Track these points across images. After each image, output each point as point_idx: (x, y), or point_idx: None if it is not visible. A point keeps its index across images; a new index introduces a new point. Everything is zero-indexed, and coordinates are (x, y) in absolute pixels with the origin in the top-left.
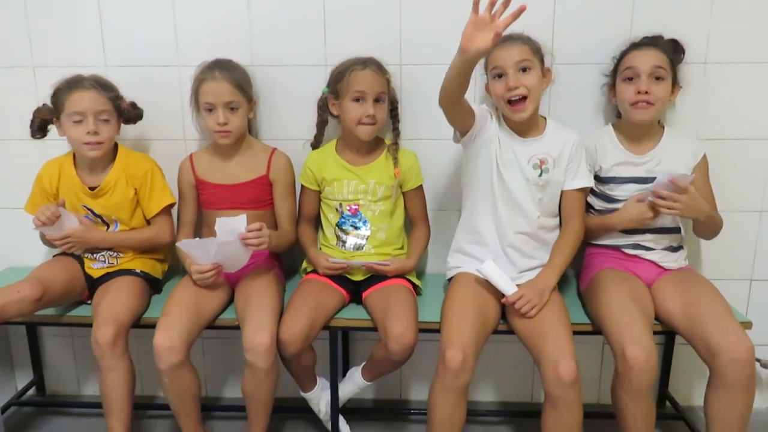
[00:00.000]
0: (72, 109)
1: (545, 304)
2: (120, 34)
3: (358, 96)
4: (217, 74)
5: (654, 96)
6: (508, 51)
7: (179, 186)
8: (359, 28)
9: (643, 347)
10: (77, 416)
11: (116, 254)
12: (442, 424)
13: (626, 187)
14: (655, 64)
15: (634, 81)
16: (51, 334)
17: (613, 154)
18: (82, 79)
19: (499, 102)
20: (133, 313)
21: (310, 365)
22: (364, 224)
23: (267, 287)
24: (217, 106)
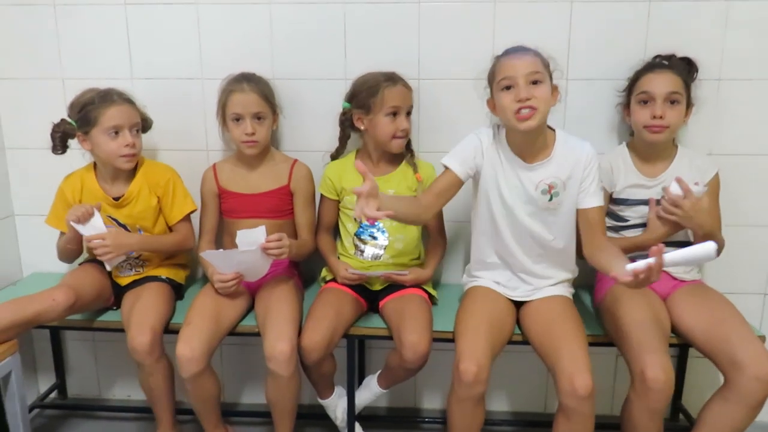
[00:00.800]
0: (109, 123)
1: (560, 317)
2: (146, 48)
3: (393, 111)
4: (245, 86)
5: (668, 120)
6: (519, 62)
7: (202, 194)
8: (379, 43)
9: (662, 368)
10: (99, 419)
11: (142, 262)
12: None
13: (637, 209)
14: (671, 89)
15: (648, 105)
16: (74, 338)
17: (626, 176)
18: (112, 93)
19: (506, 114)
20: (165, 319)
21: (330, 373)
22: (382, 234)
23: (287, 296)
24: (245, 117)
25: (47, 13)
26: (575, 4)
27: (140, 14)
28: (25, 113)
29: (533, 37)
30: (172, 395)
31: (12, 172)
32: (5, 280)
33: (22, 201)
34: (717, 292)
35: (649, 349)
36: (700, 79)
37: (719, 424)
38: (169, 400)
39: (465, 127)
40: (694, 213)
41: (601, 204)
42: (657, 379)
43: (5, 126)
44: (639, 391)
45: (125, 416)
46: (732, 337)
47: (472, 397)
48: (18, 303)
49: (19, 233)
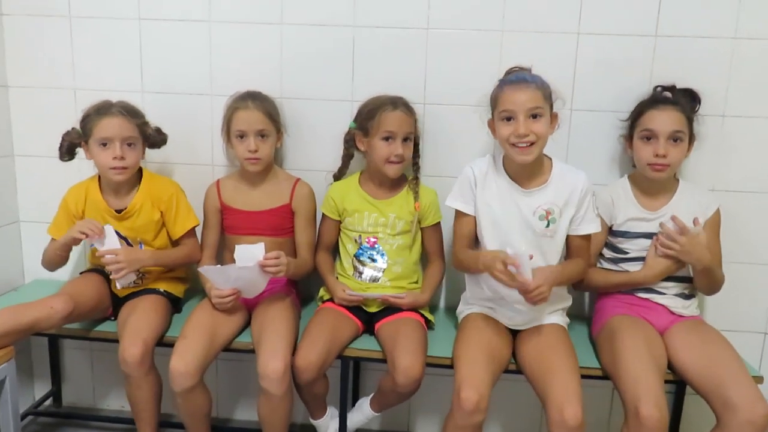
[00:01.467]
0: (100, 134)
1: (553, 346)
2: (158, 62)
3: (387, 135)
4: (249, 104)
5: (670, 159)
6: (521, 95)
7: (205, 210)
8: (386, 67)
9: (657, 406)
10: (92, 429)
11: (141, 274)
12: None
13: (637, 241)
14: (674, 128)
15: (651, 142)
16: (72, 347)
17: (627, 209)
18: (110, 105)
19: (504, 144)
20: (158, 332)
21: (323, 393)
22: (382, 257)
23: (283, 314)
24: (249, 134)
25: (63, 25)
26: (582, 36)
27: (154, 29)
28: (36, 122)
29: (539, 67)
30: (157, 410)
31: (20, 179)
32: (7, 286)
33: (28, 208)
34: (715, 330)
35: (644, 385)
36: (704, 115)
37: None
38: (153, 415)
39: (469, 152)
40: (692, 248)
41: (599, 230)
42: (651, 416)
43: (16, 133)
44: (632, 427)
45: (118, 427)
46: (726, 378)
47: (471, 425)
48: (16, 310)
49: (24, 239)
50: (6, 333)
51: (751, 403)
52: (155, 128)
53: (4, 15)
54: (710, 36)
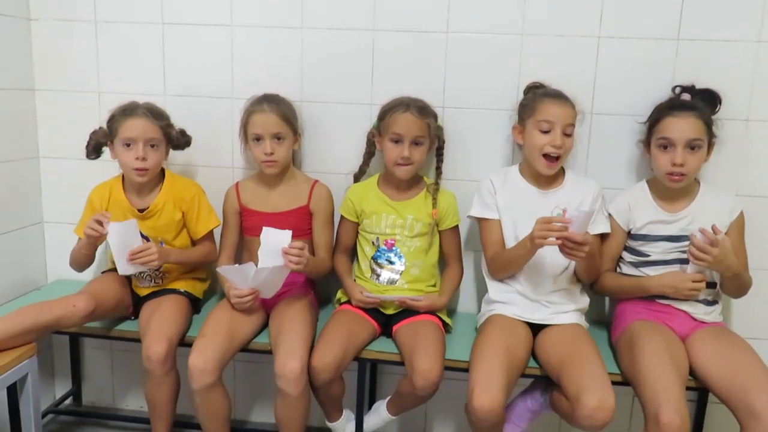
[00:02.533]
0: (124, 134)
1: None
2: (180, 66)
3: (395, 138)
4: (265, 107)
5: (688, 167)
6: (563, 111)
7: (224, 212)
8: (405, 71)
9: (678, 413)
10: (111, 428)
11: (162, 274)
12: None
13: (658, 245)
14: (692, 137)
15: (668, 150)
16: (92, 346)
17: (646, 212)
18: (136, 106)
19: (534, 152)
20: (181, 331)
21: (339, 395)
22: (399, 259)
23: (301, 315)
24: (265, 137)
25: (88, 30)
26: (602, 40)
27: (177, 34)
28: (61, 124)
29: (559, 71)
30: (173, 409)
31: (44, 180)
32: (30, 285)
33: (52, 209)
34: (738, 337)
35: (665, 392)
36: (727, 119)
37: None
38: (168, 414)
39: (487, 156)
40: (723, 257)
41: (608, 230)
42: (672, 423)
43: (42, 135)
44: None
45: (137, 427)
46: (750, 385)
47: (487, 428)
48: (39, 307)
49: (47, 240)
50: (28, 330)
51: None
52: (179, 130)
53: (32, 20)
54: (733, 39)
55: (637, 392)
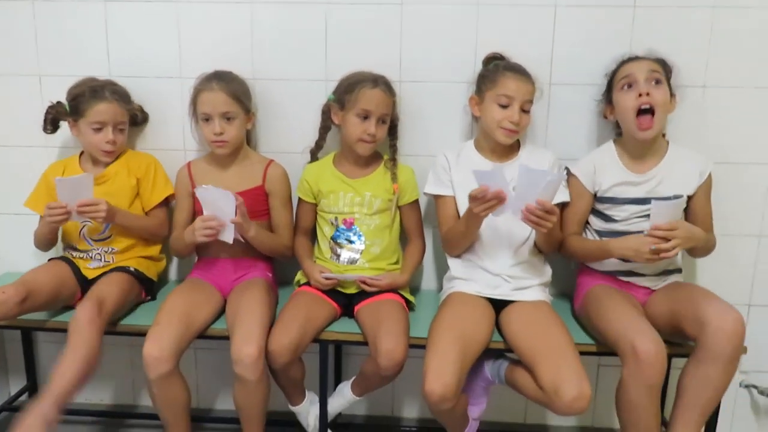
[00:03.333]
0: (95, 118)
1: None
2: (125, 45)
3: (363, 113)
4: (214, 85)
5: (655, 98)
6: (523, 86)
7: (176, 192)
8: (360, 45)
9: (653, 341)
10: (69, 423)
11: (112, 250)
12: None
13: (625, 207)
14: (651, 68)
15: (633, 88)
16: (45, 339)
17: (612, 174)
18: (103, 88)
19: (491, 124)
20: (117, 302)
21: (299, 378)
22: (359, 238)
23: (257, 298)
24: (214, 116)
25: (25, 9)
26: (559, 9)
27: (119, 11)
28: (1, 110)
29: (517, 41)
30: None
31: None
32: None
33: None
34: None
35: (635, 326)
36: (685, 86)
37: (699, 389)
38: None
39: (445, 130)
40: (689, 234)
41: (568, 199)
42: (649, 351)
43: None
44: (632, 368)
45: (97, 420)
46: (698, 298)
47: (443, 411)
48: None
49: None
50: None
51: (721, 312)
52: (137, 107)
53: None
54: (689, 6)
55: (609, 336)
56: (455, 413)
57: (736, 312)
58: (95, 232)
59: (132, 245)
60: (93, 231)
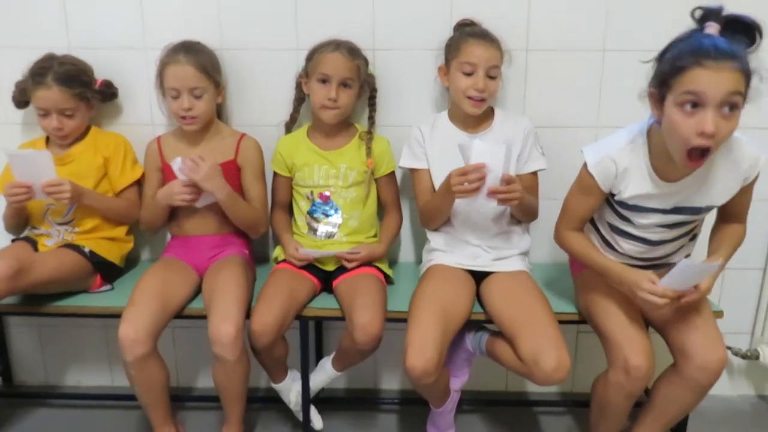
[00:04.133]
0: (37, 104)
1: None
2: (84, 16)
3: (323, 78)
4: (181, 58)
5: (720, 134)
6: (485, 52)
7: (145, 167)
8: (332, 12)
9: (645, 356)
10: (47, 407)
11: (72, 229)
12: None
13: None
14: (732, 88)
15: (696, 115)
16: (16, 323)
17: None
18: (46, 72)
19: (458, 94)
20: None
21: (283, 356)
22: (336, 212)
23: (234, 275)
24: (182, 92)
25: None
26: None
27: None
28: None
29: (492, 6)
30: None
31: None
32: None
33: None
34: None
35: (630, 335)
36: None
37: (670, 407)
38: None
39: (420, 100)
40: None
41: (545, 167)
42: (640, 367)
43: None
44: (620, 377)
45: (75, 404)
46: (687, 326)
47: (425, 386)
48: None
49: None
50: None
51: (707, 350)
52: (104, 81)
53: None
54: None
55: (600, 334)
56: (437, 387)
57: (722, 350)
58: (59, 215)
59: (95, 226)
60: (56, 213)
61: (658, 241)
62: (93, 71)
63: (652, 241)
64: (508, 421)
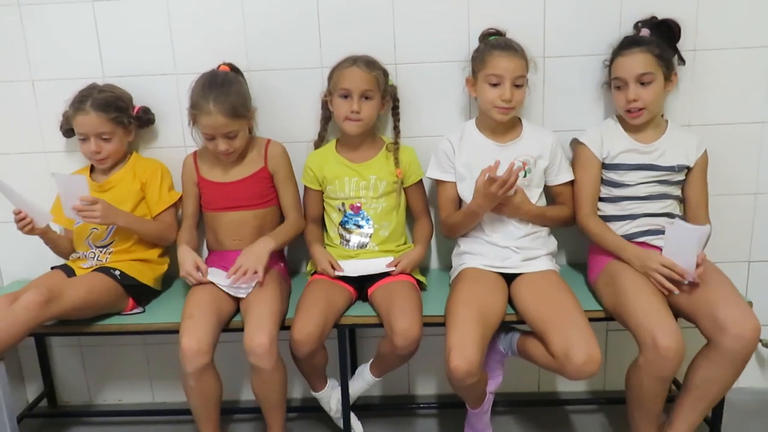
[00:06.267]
0: (77, 130)
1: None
2: (116, 45)
3: (344, 93)
4: (211, 107)
5: (643, 101)
6: (510, 64)
7: (183, 181)
8: (353, 30)
9: (674, 337)
10: (90, 425)
11: (108, 251)
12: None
13: (634, 173)
14: (640, 72)
15: (622, 89)
16: (59, 344)
17: (619, 143)
18: (86, 99)
19: (487, 105)
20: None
21: (322, 365)
22: (367, 222)
23: (269, 288)
24: (217, 137)
25: (12, 14)
26: None
27: (108, 10)
28: None
29: (508, 17)
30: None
31: None
32: None
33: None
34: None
35: (658, 318)
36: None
37: (708, 386)
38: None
39: (442, 111)
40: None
41: (572, 178)
42: (669, 347)
43: None
44: (651, 359)
45: (116, 420)
46: (717, 299)
47: (467, 387)
48: None
49: None
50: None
51: (740, 319)
52: (142, 108)
53: None
54: None
55: (628, 321)
56: (477, 387)
57: (754, 319)
58: (99, 238)
59: (129, 247)
60: (97, 237)
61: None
62: (132, 99)
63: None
64: (542, 421)
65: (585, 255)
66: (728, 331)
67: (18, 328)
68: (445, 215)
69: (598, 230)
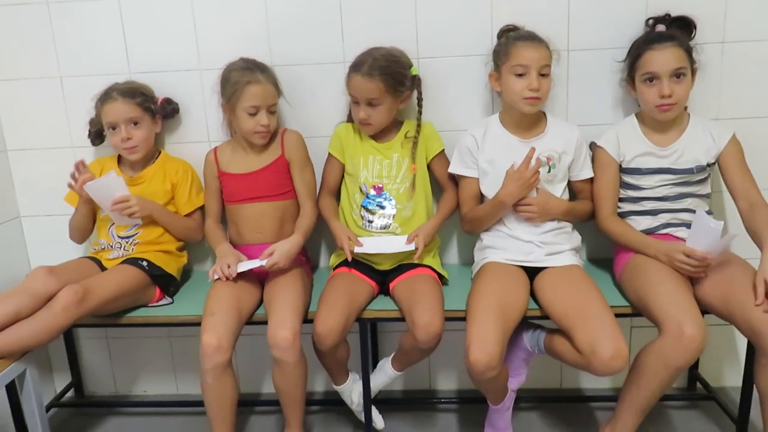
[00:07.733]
0: (106, 120)
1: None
2: (142, 42)
3: (353, 99)
4: (260, 77)
5: (677, 97)
6: (535, 53)
7: (205, 177)
8: (376, 24)
9: (699, 327)
10: (116, 415)
11: (134, 241)
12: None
13: (651, 177)
14: (675, 66)
15: (655, 83)
16: (86, 336)
17: (635, 146)
18: (112, 90)
19: (513, 97)
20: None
21: (345, 358)
22: (390, 202)
23: (291, 282)
24: (261, 108)
25: (41, 12)
26: None
27: (134, 7)
28: (25, 114)
29: (531, 9)
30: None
31: (16, 174)
32: (13, 281)
33: (27, 202)
34: (737, 257)
35: (686, 307)
36: (703, 43)
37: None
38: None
39: (465, 104)
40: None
41: (591, 175)
42: (694, 338)
43: (6, 128)
44: (671, 346)
45: (143, 411)
46: (749, 303)
47: (487, 380)
48: None
49: (26, 234)
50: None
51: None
52: (164, 99)
53: None
54: None
55: (653, 311)
56: (498, 382)
57: None
58: (123, 228)
59: (156, 239)
60: (121, 228)
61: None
62: (153, 91)
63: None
64: (565, 417)
65: (606, 251)
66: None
67: (56, 330)
68: (467, 210)
69: (621, 230)
